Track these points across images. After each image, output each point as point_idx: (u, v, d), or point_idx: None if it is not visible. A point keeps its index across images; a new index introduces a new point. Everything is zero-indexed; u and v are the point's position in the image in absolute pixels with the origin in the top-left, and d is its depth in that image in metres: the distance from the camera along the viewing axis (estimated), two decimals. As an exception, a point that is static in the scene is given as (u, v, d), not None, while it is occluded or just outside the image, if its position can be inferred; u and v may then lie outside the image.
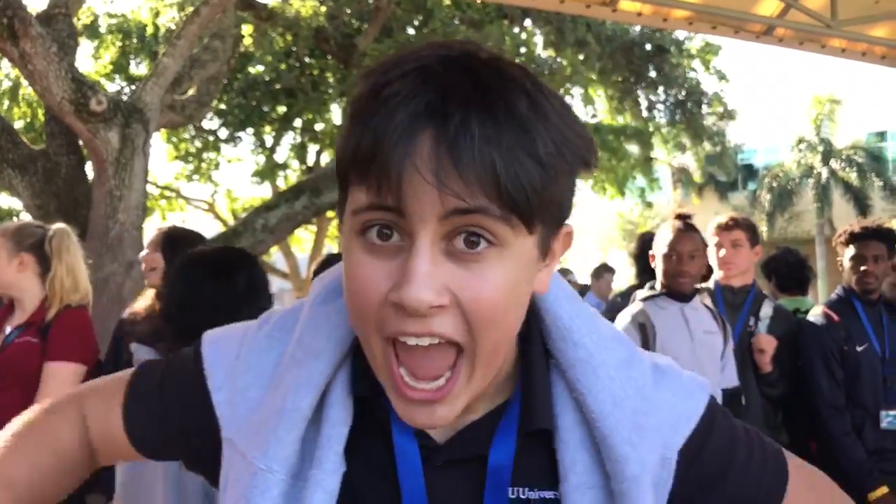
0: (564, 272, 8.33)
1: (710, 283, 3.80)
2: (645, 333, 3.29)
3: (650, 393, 0.90)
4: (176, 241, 3.21)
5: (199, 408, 0.91)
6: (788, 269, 4.69)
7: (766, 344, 3.55)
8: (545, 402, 0.86)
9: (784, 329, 3.68)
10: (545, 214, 0.75)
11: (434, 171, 0.69)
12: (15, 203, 13.91)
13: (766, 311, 3.74)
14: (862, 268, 3.58)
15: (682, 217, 3.41)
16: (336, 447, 0.82)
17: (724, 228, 3.68)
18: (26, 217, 9.42)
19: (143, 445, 0.99)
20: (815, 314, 3.72)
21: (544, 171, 0.72)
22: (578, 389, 0.86)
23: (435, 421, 0.77)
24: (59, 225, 3.16)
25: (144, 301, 3.25)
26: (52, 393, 2.87)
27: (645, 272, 4.35)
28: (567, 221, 0.82)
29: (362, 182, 0.72)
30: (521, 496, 0.85)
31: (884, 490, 3.37)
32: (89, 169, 8.33)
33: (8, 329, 3.02)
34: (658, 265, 3.39)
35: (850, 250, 3.63)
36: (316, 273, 5.64)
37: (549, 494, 0.86)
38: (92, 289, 3.24)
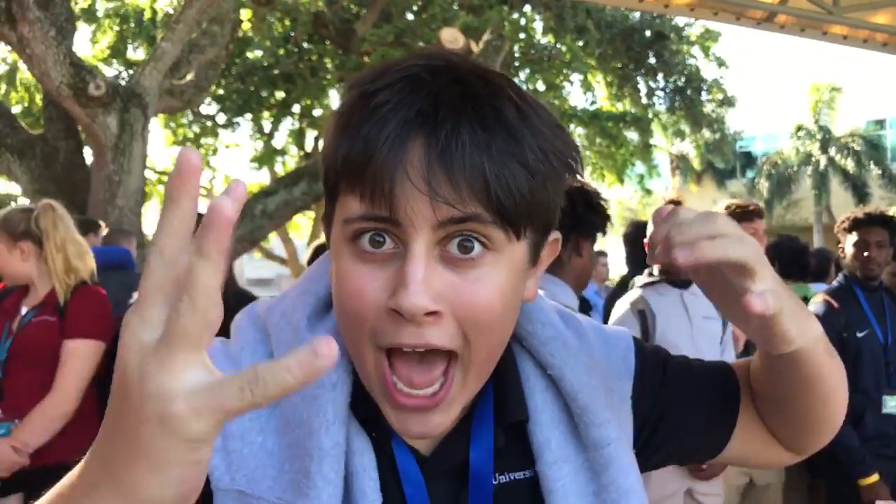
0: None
1: None
2: (644, 320, 3.31)
3: (601, 350, 0.94)
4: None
5: None
6: (792, 255, 4.71)
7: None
8: (517, 391, 0.87)
9: None
10: (534, 220, 0.76)
11: (425, 178, 0.69)
12: (13, 188, 13.88)
13: None
14: (865, 253, 3.60)
15: (671, 202, 3.45)
16: (373, 474, 0.80)
17: (742, 218, 3.66)
18: (24, 202, 9.40)
19: None
20: (816, 302, 3.73)
21: (532, 177, 0.73)
22: (556, 365, 0.87)
23: (430, 429, 0.76)
24: (43, 202, 3.15)
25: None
26: (73, 370, 2.91)
27: (636, 261, 4.36)
28: (554, 229, 0.83)
29: (354, 190, 0.72)
30: (495, 482, 0.85)
31: (875, 478, 3.40)
32: (88, 154, 8.31)
33: (24, 310, 3.05)
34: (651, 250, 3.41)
35: (853, 237, 3.65)
36: (310, 261, 5.65)
37: (520, 475, 0.87)
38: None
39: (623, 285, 4.61)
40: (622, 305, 3.40)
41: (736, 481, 3.58)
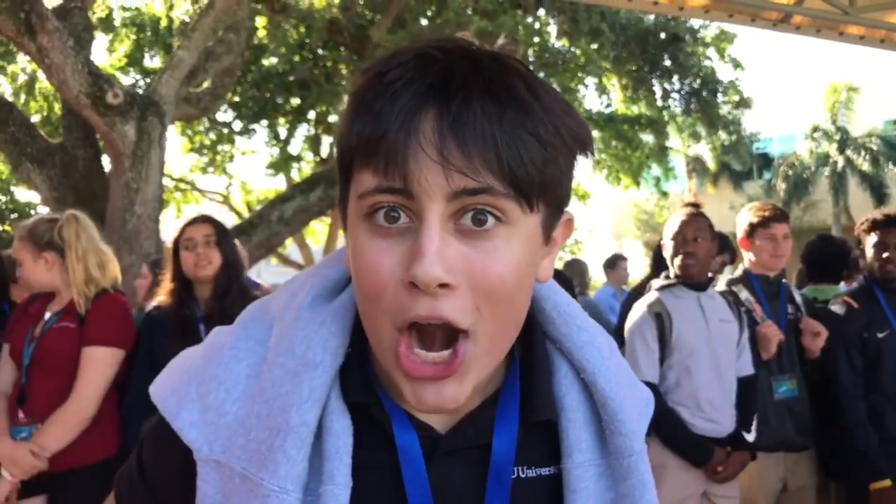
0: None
1: (738, 273, 3.79)
2: (661, 322, 3.30)
3: (628, 378, 0.95)
4: None
5: (168, 451, 0.86)
6: (819, 257, 4.66)
7: (822, 327, 3.56)
8: (547, 390, 0.88)
9: (812, 316, 3.70)
10: (547, 194, 0.76)
11: (437, 148, 0.70)
12: (33, 196, 14.01)
13: (799, 298, 3.78)
14: (884, 255, 3.59)
15: (689, 205, 3.45)
16: (345, 459, 0.80)
17: (778, 219, 3.68)
18: (44, 211, 9.50)
19: None
20: (836, 303, 3.72)
21: (544, 148, 0.73)
22: (590, 370, 0.88)
23: (444, 401, 0.76)
24: (69, 212, 3.21)
25: (166, 295, 3.29)
26: (91, 377, 2.95)
27: (658, 269, 4.35)
28: (567, 209, 0.83)
29: (368, 165, 0.73)
30: (521, 475, 0.86)
31: (886, 483, 3.38)
32: (106, 162, 8.39)
33: (47, 315, 3.09)
34: (667, 251, 3.41)
35: (873, 237, 3.64)
36: None
37: (545, 471, 0.88)
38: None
39: (641, 289, 4.58)
40: (639, 308, 3.39)
41: (770, 486, 3.56)
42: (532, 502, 0.86)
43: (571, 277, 5.86)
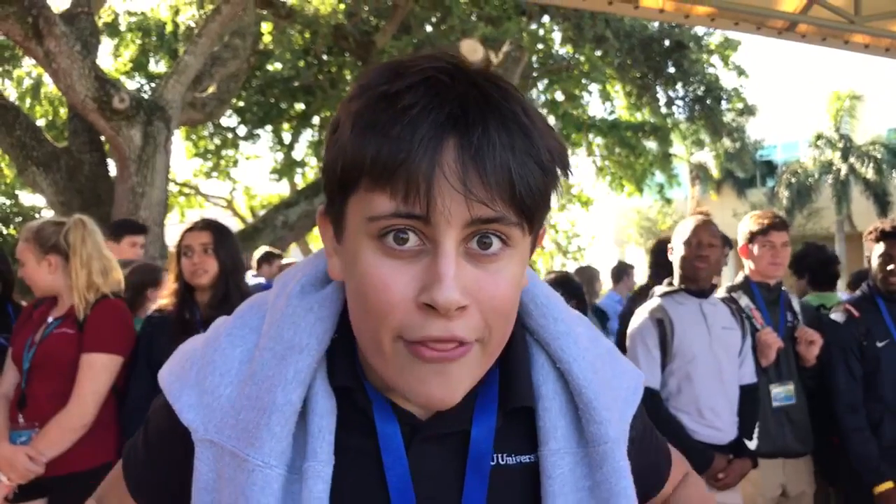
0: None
1: (739, 280, 3.80)
2: (663, 329, 3.30)
3: (611, 367, 0.98)
4: None
5: (171, 431, 0.91)
6: (820, 265, 4.68)
7: (817, 336, 3.57)
8: (526, 378, 0.92)
9: (812, 324, 3.70)
10: (541, 216, 0.81)
11: (461, 178, 0.72)
12: (39, 200, 14.05)
13: (797, 306, 3.78)
14: (889, 267, 3.58)
15: (700, 212, 3.47)
16: (328, 437, 0.84)
17: (777, 228, 3.68)
18: (49, 215, 9.52)
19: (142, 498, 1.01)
20: (837, 311, 3.72)
21: (545, 175, 0.77)
22: (565, 359, 0.92)
23: (450, 391, 0.78)
24: (76, 216, 3.21)
25: (168, 297, 3.29)
26: (89, 383, 2.95)
27: (658, 274, 4.35)
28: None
29: (383, 189, 0.74)
30: (501, 462, 0.89)
31: (889, 485, 3.38)
32: (111, 166, 8.42)
33: (49, 319, 3.10)
34: (677, 255, 3.40)
35: (879, 247, 3.63)
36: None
37: (525, 458, 0.91)
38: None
39: (641, 293, 4.60)
40: (641, 314, 3.40)
41: (770, 493, 3.56)
42: (511, 489, 0.89)
43: (581, 284, 5.87)
